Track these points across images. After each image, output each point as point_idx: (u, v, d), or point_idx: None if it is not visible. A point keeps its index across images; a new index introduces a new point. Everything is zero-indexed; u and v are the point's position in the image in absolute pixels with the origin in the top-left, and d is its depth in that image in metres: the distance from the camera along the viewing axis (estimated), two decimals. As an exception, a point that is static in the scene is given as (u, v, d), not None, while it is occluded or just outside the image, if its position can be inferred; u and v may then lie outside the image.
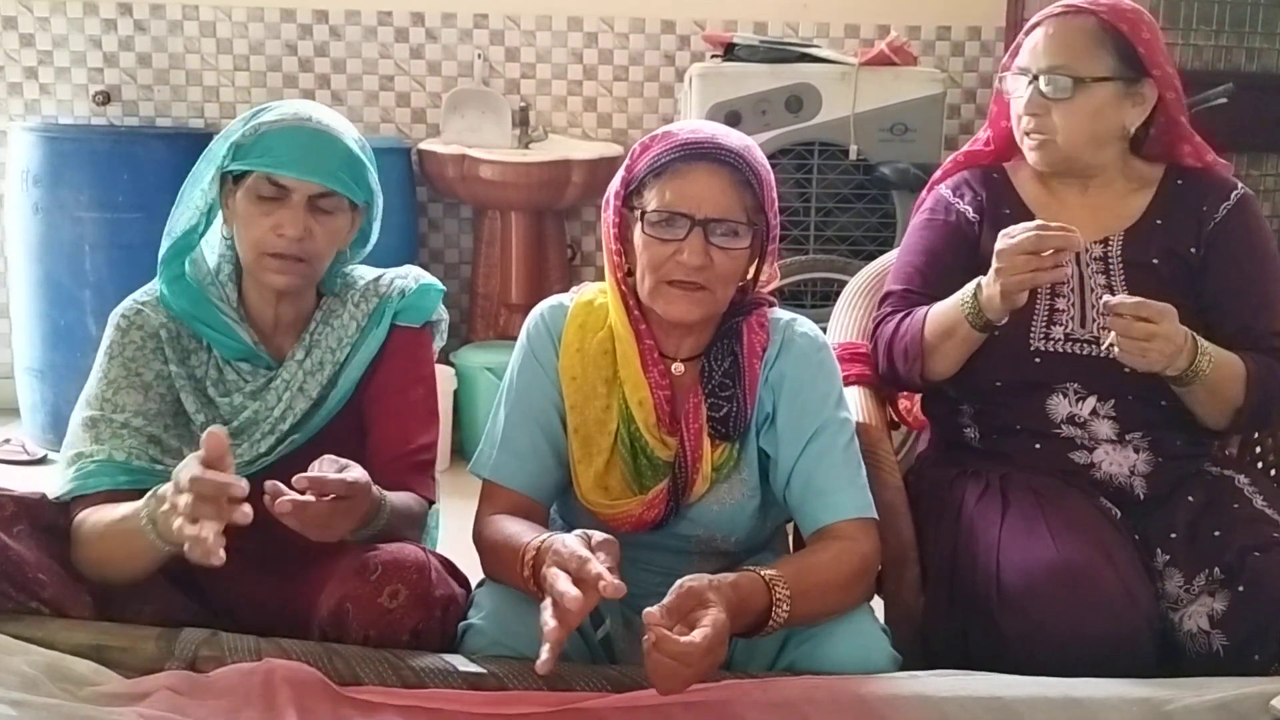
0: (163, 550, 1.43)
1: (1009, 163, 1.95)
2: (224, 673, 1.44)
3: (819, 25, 3.82)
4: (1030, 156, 1.86)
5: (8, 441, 3.57)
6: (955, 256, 1.88)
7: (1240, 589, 1.59)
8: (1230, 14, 3.46)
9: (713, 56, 3.55)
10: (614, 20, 3.83)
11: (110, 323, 1.67)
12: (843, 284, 2.23)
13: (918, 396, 2.03)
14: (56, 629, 1.49)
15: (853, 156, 3.34)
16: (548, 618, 1.29)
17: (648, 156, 1.59)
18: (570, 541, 1.37)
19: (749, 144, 1.61)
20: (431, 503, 1.72)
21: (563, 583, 1.30)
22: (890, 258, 2.19)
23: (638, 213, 1.58)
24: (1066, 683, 1.46)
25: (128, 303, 1.69)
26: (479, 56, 3.82)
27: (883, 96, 3.32)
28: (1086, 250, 1.81)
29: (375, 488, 1.52)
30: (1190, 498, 1.72)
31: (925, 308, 1.82)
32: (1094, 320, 1.76)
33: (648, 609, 1.33)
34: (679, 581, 1.37)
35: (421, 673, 1.45)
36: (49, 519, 1.57)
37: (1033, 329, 1.79)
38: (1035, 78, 1.81)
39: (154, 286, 1.70)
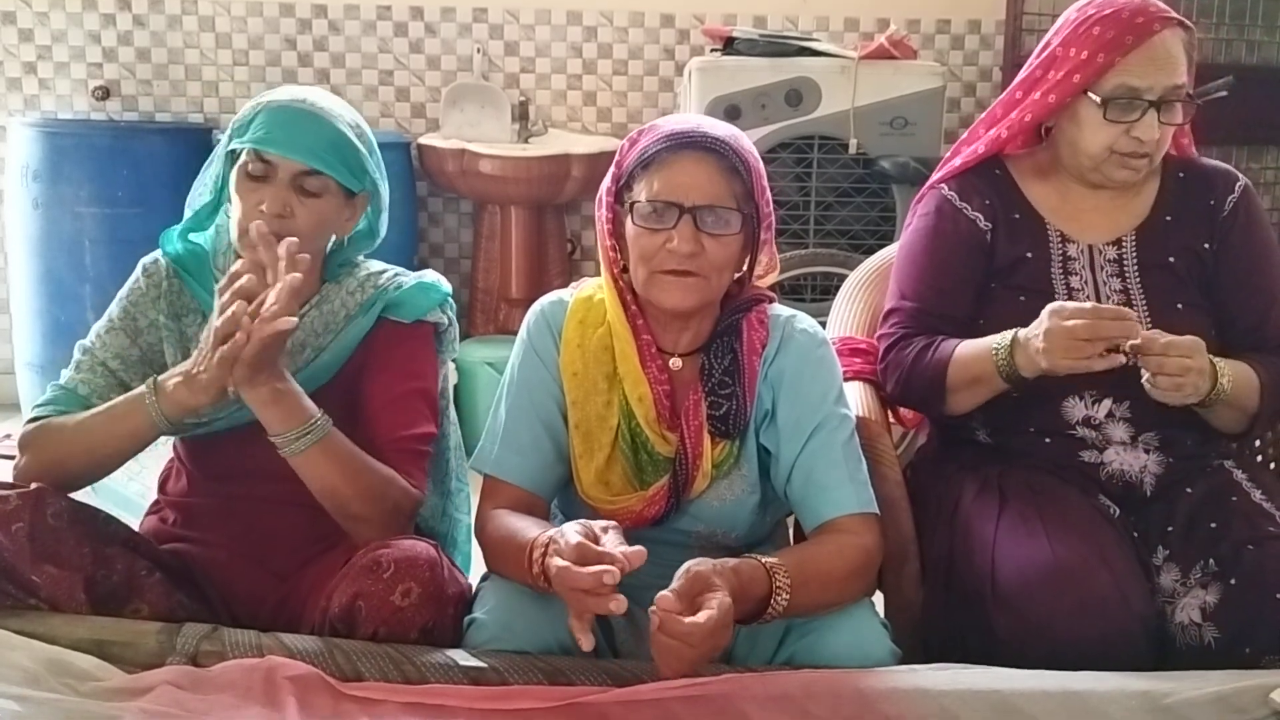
0: (159, 428, 1.57)
1: (1008, 156, 1.89)
2: (226, 668, 1.44)
3: (818, 19, 3.82)
4: (1119, 175, 1.78)
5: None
6: (969, 270, 1.82)
7: (1232, 582, 1.58)
8: (1230, 7, 3.45)
9: (712, 50, 3.55)
10: (613, 14, 3.83)
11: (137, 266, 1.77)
12: (842, 278, 2.23)
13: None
14: (58, 624, 1.49)
15: (852, 150, 3.33)
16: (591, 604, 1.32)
17: (635, 150, 1.60)
18: (569, 533, 1.38)
19: (735, 132, 1.61)
20: (418, 492, 1.67)
21: (574, 570, 1.32)
22: (891, 251, 2.18)
23: (628, 206, 1.58)
24: (1066, 676, 1.46)
25: (154, 253, 1.76)
26: (478, 51, 3.82)
27: (882, 90, 3.32)
28: (1100, 253, 1.80)
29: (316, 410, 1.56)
30: (1189, 489, 1.71)
31: (948, 342, 1.76)
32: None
33: (661, 593, 1.33)
34: (686, 565, 1.38)
35: (423, 667, 1.45)
36: (54, 508, 1.56)
37: None
38: (1157, 103, 1.71)
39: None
